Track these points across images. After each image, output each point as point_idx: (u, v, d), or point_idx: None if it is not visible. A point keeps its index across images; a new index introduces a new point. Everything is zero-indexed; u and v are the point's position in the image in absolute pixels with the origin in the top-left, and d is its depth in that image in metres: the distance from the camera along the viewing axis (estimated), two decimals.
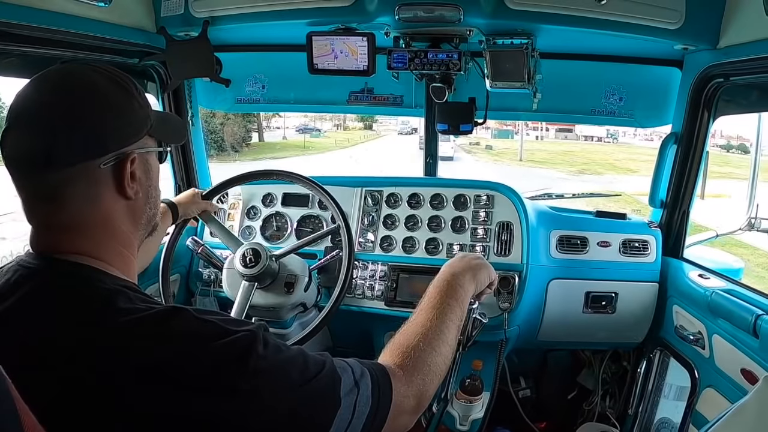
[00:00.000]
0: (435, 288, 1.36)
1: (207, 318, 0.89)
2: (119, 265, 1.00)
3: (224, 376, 0.83)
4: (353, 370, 1.01)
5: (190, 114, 2.67)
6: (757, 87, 2.19)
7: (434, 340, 1.20)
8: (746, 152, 14.96)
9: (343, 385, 0.97)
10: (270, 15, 2.22)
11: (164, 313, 0.88)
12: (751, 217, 2.85)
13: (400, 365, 1.12)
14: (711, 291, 2.05)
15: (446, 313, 1.27)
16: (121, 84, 0.99)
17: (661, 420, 2.51)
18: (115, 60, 2.26)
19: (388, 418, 1.03)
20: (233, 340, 0.86)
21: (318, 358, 0.98)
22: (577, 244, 2.44)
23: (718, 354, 2.02)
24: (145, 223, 1.08)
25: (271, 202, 2.63)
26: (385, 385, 1.04)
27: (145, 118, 1.02)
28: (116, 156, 0.96)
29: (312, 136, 32.52)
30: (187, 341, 0.85)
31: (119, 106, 0.97)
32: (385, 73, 2.33)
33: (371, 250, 2.49)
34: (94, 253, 0.96)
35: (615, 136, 32.46)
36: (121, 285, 0.93)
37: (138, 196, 1.02)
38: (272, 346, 0.91)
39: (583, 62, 2.61)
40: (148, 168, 1.05)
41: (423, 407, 1.15)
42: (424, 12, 2.10)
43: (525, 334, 2.44)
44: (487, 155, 30.76)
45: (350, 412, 0.96)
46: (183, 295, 2.60)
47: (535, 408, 2.84)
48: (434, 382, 1.16)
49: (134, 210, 1.03)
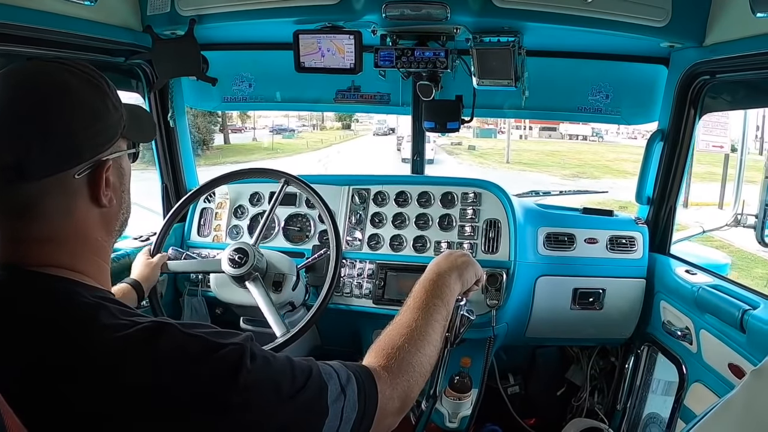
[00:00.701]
0: (421, 287, 1.35)
1: (193, 333, 0.86)
2: (95, 274, 0.96)
3: (216, 393, 0.81)
4: (339, 376, 1.00)
5: (171, 113, 2.64)
6: (742, 84, 2.20)
7: (419, 341, 1.19)
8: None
9: (329, 392, 0.96)
10: (257, 13, 2.21)
11: (150, 329, 0.83)
12: (737, 213, 2.86)
13: (385, 366, 1.11)
14: (698, 287, 2.07)
15: (431, 313, 1.27)
16: (94, 83, 0.93)
17: (649, 415, 2.52)
18: (101, 59, 2.25)
19: (373, 421, 1.03)
20: (223, 356, 0.84)
21: (304, 366, 0.96)
22: (565, 241, 2.45)
23: (705, 349, 2.04)
24: (117, 230, 1.04)
25: (258, 201, 2.62)
26: (370, 388, 1.03)
27: (119, 120, 0.97)
28: (92, 164, 0.91)
29: (285, 137, 30.78)
30: (177, 360, 0.82)
31: (94, 109, 0.92)
32: (372, 71, 2.33)
33: (359, 249, 2.49)
34: (69, 264, 0.91)
35: (600, 135, 30.96)
36: (101, 297, 0.89)
37: (112, 204, 0.97)
38: (260, 359, 0.89)
39: (569, 60, 2.62)
40: (122, 172, 1.01)
41: (407, 408, 1.15)
42: (411, 10, 2.10)
43: (513, 331, 2.44)
44: (471, 156, 28.88)
45: (338, 420, 0.95)
46: (171, 295, 2.58)
47: (523, 404, 2.85)
48: (418, 383, 1.16)
49: (108, 218, 0.99)
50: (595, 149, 30.04)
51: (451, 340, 1.67)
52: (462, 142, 30.51)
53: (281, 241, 2.54)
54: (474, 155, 29.06)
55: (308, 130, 33.59)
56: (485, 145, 30.40)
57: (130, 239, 2.51)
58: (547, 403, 2.94)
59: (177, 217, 2.32)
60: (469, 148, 30.34)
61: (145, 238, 2.52)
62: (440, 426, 2.35)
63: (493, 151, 29.47)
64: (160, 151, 2.69)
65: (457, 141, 30.24)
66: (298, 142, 30.57)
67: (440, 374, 1.92)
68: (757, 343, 1.70)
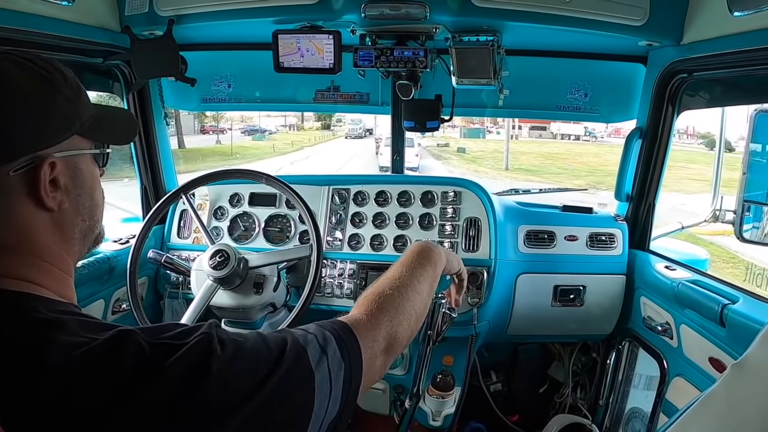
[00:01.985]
0: (410, 251, 1.35)
1: (157, 340, 0.79)
2: (51, 284, 0.87)
3: (192, 388, 0.76)
4: (317, 338, 0.96)
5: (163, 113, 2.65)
6: (720, 82, 2.22)
7: (403, 288, 1.19)
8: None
9: (310, 356, 0.91)
10: (236, 13, 2.20)
11: (111, 344, 0.76)
12: (715, 209, 2.88)
13: (365, 311, 1.10)
14: (678, 282, 2.09)
15: (419, 270, 1.27)
16: (43, 75, 0.85)
17: (631, 410, 2.54)
18: (79, 60, 2.23)
19: (363, 368, 1.01)
20: (189, 350, 0.78)
21: (278, 337, 0.92)
22: (545, 238, 2.46)
23: (686, 343, 2.06)
24: (79, 238, 0.94)
25: (238, 202, 2.60)
26: (350, 340, 1.01)
27: (72, 115, 0.88)
28: (29, 161, 0.82)
29: (254, 138, 28.54)
30: (144, 371, 0.75)
31: (35, 100, 0.83)
32: (351, 71, 2.32)
33: (339, 249, 2.49)
34: (19, 274, 0.83)
35: (594, 134, 28.71)
36: (60, 311, 0.81)
37: (64, 207, 0.88)
38: (229, 342, 0.83)
39: (548, 59, 2.64)
40: (78, 174, 0.91)
41: (395, 348, 1.12)
42: (390, 9, 2.10)
43: (495, 329, 2.46)
44: (461, 161, 26.18)
45: (327, 380, 0.92)
46: (151, 297, 2.57)
47: (506, 402, 2.87)
48: (403, 324, 1.14)
49: (61, 223, 0.89)
50: (594, 150, 27.50)
51: (433, 338, 1.68)
52: (449, 143, 28.79)
53: (261, 242, 2.53)
54: (465, 159, 26.54)
55: (284, 131, 31.46)
56: (474, 147, 28.59)
57: (110, 242, 2.49)
58: (529, 400, 2.96)
59: (156, 219, 2.31)
60: (459, 150, 28.30)
61: (125, 240, 2.50)
62: (424, 425, 2.36)
63: (486, 153, 27.31)
64: (138, 153, 2.66)
65: (443, 142, 28.48)
66: (267, 145, 28.01)
67: (423, 373, 1.93)
68: (737, 337, 1.72)
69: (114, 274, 2.30)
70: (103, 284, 2.27)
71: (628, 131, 2.50)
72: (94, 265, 2.19)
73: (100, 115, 0.96)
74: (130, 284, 2.17)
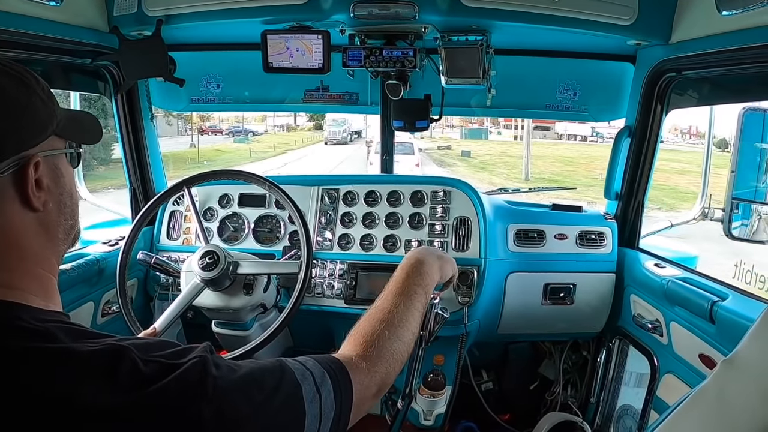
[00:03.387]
0: (402, 272, 1.36)
1: (151, 357, 0.79)
2: (38, 291, 0.87)
3: (186, 408, 0.76)
4: (313, 375, 0.97)
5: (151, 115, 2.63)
6: (708, 81, 2.24)
7: (399, 328, 1.20)
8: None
9: (305, 393, 0.92)
10: (224, 13, 2.20)
11: (104, 356, 0.76)
12: (704, 207, 2.90)
13: (363, 355, 1.11)
14: (667, 279, 2.11)
15: (412, 301, 1.28)
16: (18, 78, 0.86)
17: (622, 407, 2.54)
18: (67, 60, 2.22)
19: (351, 413, 1.02)
20: (185, 371, 0.79)
21: (274, 368, 0.93)
22: (535, 237, 2.47)
23: (676, 340, 2.07)
24: (62, 237, 0.94)
25: (227, 203, 2.59)
26: (345, 383, 1.02)
27: (49, 116, 0.89)
28: (16, 161, 0.83)
29: (236, 140, 27.03)
30: (138, 387, 0.75)
31: (17, 103, 0.84)
32: (340, 71, 2.33)
33: (329, 249, 2.48)
34: (5, 280, 0.82)
35: (602, 135, 25.66)
36: (49, 321, 0.80)
37: (48, 207, 0.89)
38: (224, 367, 0.84)
39: (537, 58, 2.66)
40: (58, 174, 0.92)
41: (384, 392, 1.15)
42: (380, 9, 2.10)
43: (485, 328, 2.46)
44: (468, 168, 22.74)
45: (317, 420, 0.93)
46: (141, 299, 2.56)
47: (498, 400, 2.86)
48: (396, 369, 1.16)
49: (46, 223, 0.90)
50: (606, 154, 23.18)
51: (425, 338, 1.67)
52: (451, 145, 26.74)
53: (251, 242, 2.53)
54: (473, 166, 23.42)
55: (275, 131, 30.20)
56: (479, 150, 26.13)
57: (99, 244, 2.48)
58: (520, 399, 2.96)
59: (146, 220, 2.29)
60: (463, 154, 25.71)
61: (114, 242, 2.49)
62: (416, 424, 2.36)
63: (494, 158, 24.33)
64: (127, 154, 2.65)
65: (444, 145, 26.46)
66: (245, 148, 25.94)
67: (415, 373, 1.93)
68: (727, 334, 1.74)
69: (103, 276, 2.30)
70: (93, 286, 2.26)
71: None
72: (84, 268, 2.19)
73: (70, 116, 0.97)
74: (120, 286, 2.15)
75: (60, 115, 0.92)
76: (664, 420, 0.96)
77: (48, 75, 2.24)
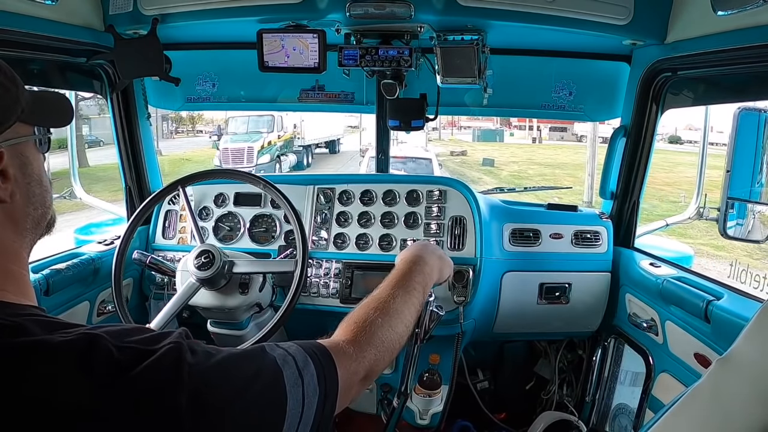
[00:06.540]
0: (404, 264, 1.38)
1: (125, 344, 0.76)
2: (9, 286, 0.84)
3: (162, 397, 0.74)
4: (296, 360, 0.94)
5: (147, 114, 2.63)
6: (704, 80, 2.25)
7: (393, 318, 1.20)
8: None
9: (286, 378, 0.90)
10: (220, 12, 2.19)
11: (78, 346, 0.73)
12: (699, 206, 2.91)
13: (352, 340, 1.11)
14: (662, 279, 2.11)
15: (411, 295, 1.29)
16: None
17: (618, 406, 2.55)
18: (62, 59, 2.22)
19: (338, 396, 1.01)
20: (159, 358, 0.76)
21: (254, 354, 0.91)
22: (530, 236, 2.47)
23: (671, 340, 2.08)
24: (31, 227, 0.90)
25: (223, 203, 2.59)
26: (329, 368, 1.01)
27: (12, 103, 0.84)
28: None
29: (214, 145, 24.19)
30: (112, 376, 0.72)
31: None
32: (336, 70, 2.32)
33: (325, 248, 2.48)
34: None
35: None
36: (22, 315, 0.77)
37: (15, 198, 0.85)
38: (201, 353, 0.82)
39: (533, 57, 2.66)
40: (25, 162, 0.88)
41: (372, 379, 1.15)
42: (375, 8, 2.10)
43: (481, 327, 2.46)
44: (500, 184, 17.86)
45: (300, 405, 0.90)
46: (137, 298, 2.55)
47: (493, 399, 2.86)
48: (385, 358, 1.16)
49: (12, 215, 0.86)
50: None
51: (420, 337, 1.67)
52: (466, 150, 24.02)
53: (247, 242, 2.52)
54: (503, 180, 19.65)
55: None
56: (500, 156, 22.85)
57: (95, 243, 2.48)
58: (516, 398, 2.97)
59: (141, 219, 2.29)
60: (485, 163, 22.38)
61: (110, 241, 2.48)
62: (411, 423, 2.36)
63: (522, 169, 20.70)
64: (123, 153, 2.65)
65: (459, 150, 23.79)
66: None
67: (410, 372, 1.93)
68: (722, 333, 1.74)
69: (99, 275, 2.29)
70: (88, 286, 2.25)
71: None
72: (79, 267, 2.18)
73: (37, 98, 0.93)
74: (115, 286, 2.15)
75: (25, 99, 0.87)
76: (660, 419, 0.96)
77: (43, 74, 2.24)
